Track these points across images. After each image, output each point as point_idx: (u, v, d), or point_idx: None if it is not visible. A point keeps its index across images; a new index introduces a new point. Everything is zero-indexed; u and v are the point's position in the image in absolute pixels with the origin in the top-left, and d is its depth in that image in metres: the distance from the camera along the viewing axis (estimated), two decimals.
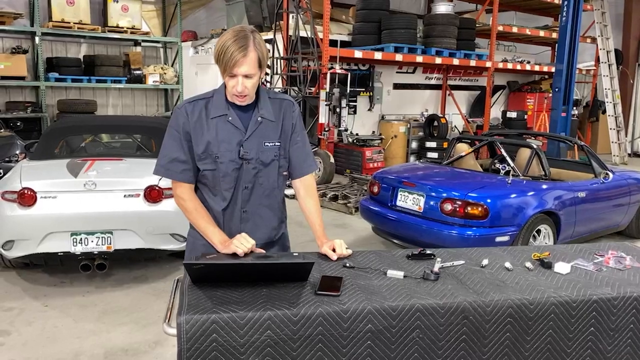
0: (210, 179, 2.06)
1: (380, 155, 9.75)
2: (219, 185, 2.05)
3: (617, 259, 2.20)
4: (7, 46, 9.87)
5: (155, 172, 2.12)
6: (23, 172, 4.21)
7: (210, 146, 2.02)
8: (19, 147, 6.61)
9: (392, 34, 9.84)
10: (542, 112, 12.96)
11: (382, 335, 1.70)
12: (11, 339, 3.41)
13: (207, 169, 2.04)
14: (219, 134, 2.02)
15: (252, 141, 2.04)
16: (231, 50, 1.88)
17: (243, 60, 1.89)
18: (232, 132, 2.03)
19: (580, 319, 1.86)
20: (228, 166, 2.02)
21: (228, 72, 1.92)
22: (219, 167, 2.03)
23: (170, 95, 11.98)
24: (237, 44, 1.88)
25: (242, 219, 2.09)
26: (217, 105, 2.04)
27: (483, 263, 2.11)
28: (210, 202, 2.09)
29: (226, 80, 1.97)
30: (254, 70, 1.93)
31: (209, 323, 1.60)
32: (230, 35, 1.92)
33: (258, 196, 2.09)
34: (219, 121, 2.03)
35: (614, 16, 14.11)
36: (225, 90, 2.04)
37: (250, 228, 2.08)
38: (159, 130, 5.20)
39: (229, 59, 1.88)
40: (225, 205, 2.08)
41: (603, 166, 5.44)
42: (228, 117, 2.03)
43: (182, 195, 2.07)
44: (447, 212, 4.41)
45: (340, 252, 2.09)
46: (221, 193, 2.06)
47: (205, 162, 2.04)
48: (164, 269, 4.64)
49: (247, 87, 1.95)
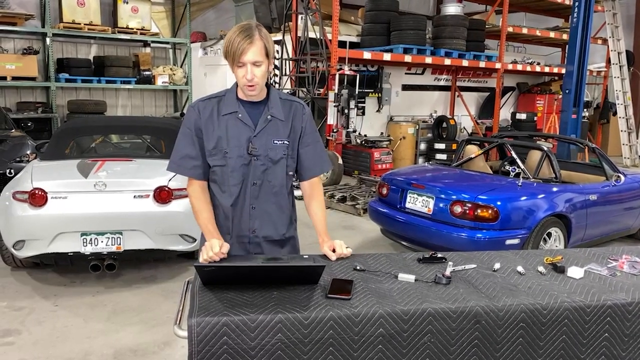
0: (219, 174, 2.12)
1: (388, 157, 9.72)
2: (228, 180, 2.10)
3: (632, 264, 2.17)
4: (18, 47, 9.96)
5: (169, 169, 2.19)
6: (34, 173, 4.23)
7: (220, 142, 2.08)
8: (29, 147, 6.66)
9: (401, 35, 9.81)
10: (552, 114, 12.88)
11: (394, 339, 1.69)
12: (22, 338, 3.43)
13: (216, 164, 2.10)
14: (229, 130, 2.08)
15: (261, 138, 2.09)
16: (238, 40, 1.95)
17: (250, 47, 1.95)
18: (242, 129, 2.08)
19: (594, 324, 1.83)
20: (237, 162, 2.08)
21: (236, 61, 1.97)
22: (228, 162, 2.08)
23: (179, 96, 12.03)
24: (243, 34, 1.95)
25: (251, 215, 2.13)
26: (228, 103, 2.11)
27: (495, 267, 2.09)
28: (220, 199, 2.14)
29: (236, 72, 2.02)
30: (261, 58, 1.98)
31: (219, 326, 1.59)
32: (236, 29, 2.00)
33: (266, 193, 2.13)
34: (229, 118, 2.09)
35: (625, 17, 14.00)
36: (236, 88, 2.11)
37: (259, 225, 2.14)
38: (168, 131, 5.22)
39: (236, 49, 1.95)
40: (234, 201, 2.12)
41: (615, 169, 5.38)
42: (238, 114, 2.09)
43: (192, 193, 2.15)
44: (457, 214, 4.39)
45: (340, 252, 2.11)
46: (229, 189, 2.11)
47: (215, 158, 2.09)
48: (173, 270, 4.65)
49: (256, 75, 1.99)
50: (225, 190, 2.12)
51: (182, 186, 4.16)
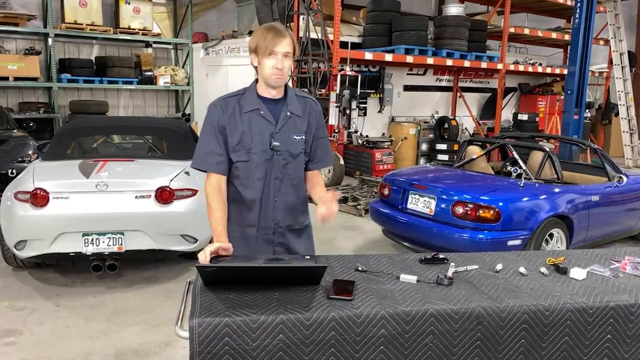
0: (242, 170, 2.19)
1: (390, 157, 9.71)
2: (252, 175, 2.19)
3: (634, 265, 2.17)
4: (20, 47, 9.97)
5: (193, 165, 2.24)
6: (36, 173, 4.23)
7: (244, 137, 2.16)
8: (31, 147, 6.67)
9: (403, 35, 9.80)
10: (554, 115, 12.85)
11: (396, 340, 1.69)
12: (23, 338, 3.43)
13: (240, 160, 2.18)
14: (252, 126, 2.17)
15: (282, 134, 2.19)
16: (271, 33, 2.09)
17: (283, 39, 2.09)
18: (264, 125, 2.18)
19: (597, 326, 1.83)
20: (260, 157, 2.17)
21: (269, 50, 2.08)
22: (252, 157, 2.17)
23: (181, 96, 12.03)
24: (275, 29, 2.11)
25: (274, 208, 2.23)
26: (250, 100, 2.19)
27: (497, 268, 2.09)
28: (243, 194, 2.21)
29: (264, 63, 2.10)
30: (291, 50, 2.12)
31: (221, 326, 1.59)
32: (267, 25, 2.16)
33: (287, 186, 2.24)
34: (252, 115, 2.18)
35: (627, 18, 13.98)
36: (255, 86, 2.20)
37: (282, 216, 2.25)
38: (169, 131, 5.23)
39: (270, 40, 2.07)
40: (259, 195, 2.20)
41: (617, 169, 5.37)
42: (260, 111, 2.17)
43: (210, 191, 2.17)
44: (459, 215, 4.38)
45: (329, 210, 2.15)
46: (254, 183, 2.19)
47: (239, 154, 2.17)
48: (174, 270, 4.65)
49: (285, 66, 2.11)
50: (249, 185, 2.19)
51: (183, 186, 4.17)
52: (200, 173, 2.28)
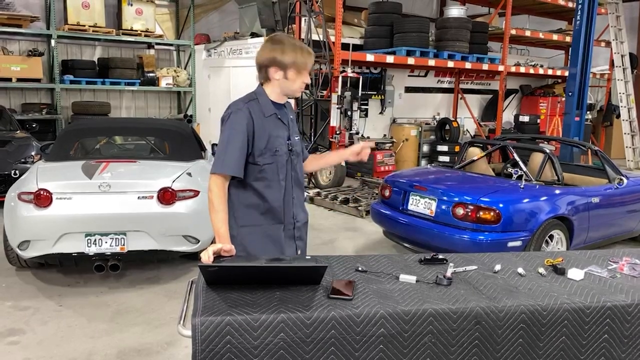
0: (268, 172, 2.28)
1: (391, 159, 9.73)
2: (277, 176, 2.29)
3: (632, 266, 2.19)
4: (23, 49, 10.02)
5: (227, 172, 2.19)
6: (39, 174, 4.26)
7: (271, 140, 2.27)
8: (34, 148, 6.71)
9: (404, 37, 9.81)
10: (555, 117, 12.85)
11: (395, 339, 1.71)
12: (26, 338, 3.46)
13: (266, 162, 2.26)
14: (274, 130, 2.28)
15: (293, 135, 2.37)
16: (304, 51, 2.24)
17: (311, 57, 2.28)
18: (282, 128, 2.32)
19: (594, 326, 1.85)
20: (283, 158, 2.30)
21: (307, 68, 2.25)
22: (277, 159, 2.28)
23: (183, 97, 12.06)
24: (302, 47, 2.25)
25: (293, 204, 2.36)
26: (266, 105, 2.29)
27: (496, 268, 2.11)
28: (268, 195, 2.28)
29: (298, 78, 2.24)
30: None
31: (223, 325, 1.61)
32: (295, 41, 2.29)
33: (298, 184, 2.39)
34: (272, 119, 2.29)
35: (629, 20, 13.97)
36: (265, 91, 2.28)
37: (297, 212, 2.39)
38: (172, 132, 5.25)
39: (306, 59, 2.23)
40: (282, 195, 2.29)
41: (617, 171, 5.38)
42: (278, 115, 2.31)
43: (217, 190, 2.17)
44: (459, 216, 4.40)
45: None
46: (279, 184, 2.30)
47: (266, 157, 2.26)
48: (176, 270, 4.67)
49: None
50: (274, 186, 2.28)
51: (185, 187, 4.19)
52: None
